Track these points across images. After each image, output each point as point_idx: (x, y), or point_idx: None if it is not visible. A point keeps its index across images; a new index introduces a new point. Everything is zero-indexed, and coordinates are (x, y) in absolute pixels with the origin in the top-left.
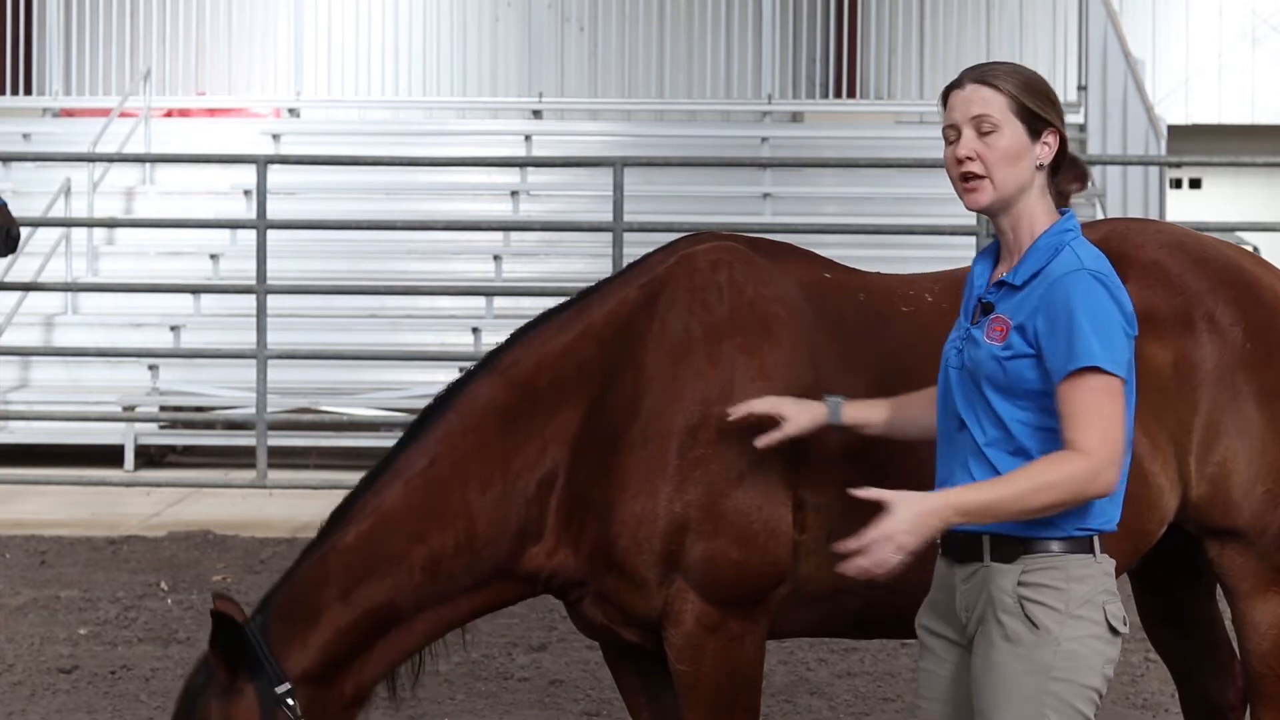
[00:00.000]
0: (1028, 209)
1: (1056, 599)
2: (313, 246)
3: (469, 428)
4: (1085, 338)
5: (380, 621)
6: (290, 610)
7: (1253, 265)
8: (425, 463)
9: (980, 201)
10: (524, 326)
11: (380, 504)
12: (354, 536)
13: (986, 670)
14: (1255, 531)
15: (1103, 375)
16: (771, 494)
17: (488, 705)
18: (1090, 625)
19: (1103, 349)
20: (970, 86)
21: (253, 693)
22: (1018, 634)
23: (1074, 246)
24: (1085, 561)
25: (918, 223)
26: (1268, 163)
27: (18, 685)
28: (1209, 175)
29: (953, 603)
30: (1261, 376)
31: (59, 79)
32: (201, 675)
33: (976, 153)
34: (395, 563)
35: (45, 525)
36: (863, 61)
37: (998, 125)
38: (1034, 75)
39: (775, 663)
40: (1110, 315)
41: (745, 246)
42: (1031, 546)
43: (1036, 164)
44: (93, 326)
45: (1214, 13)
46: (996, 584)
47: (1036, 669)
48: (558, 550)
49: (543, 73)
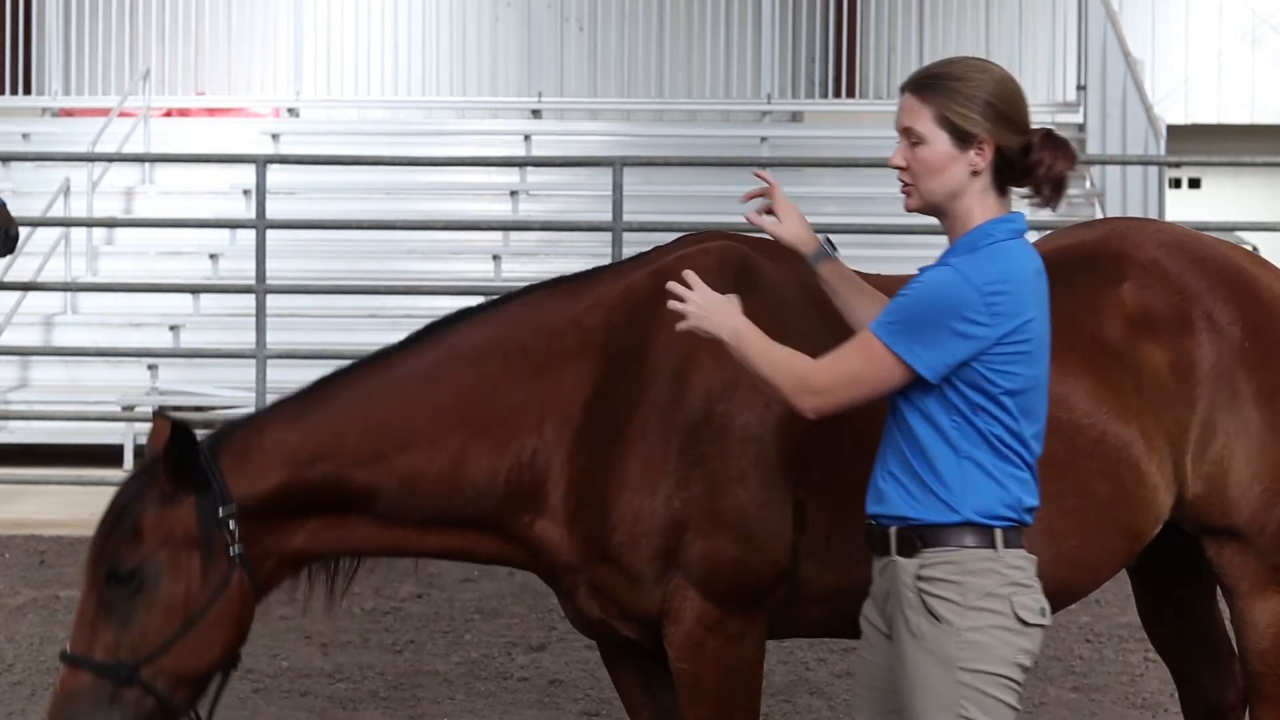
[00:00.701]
0: (963, 212)
1: (954, 592)
2: (312, 246)
3: (476, 359)
4: (887, 310)
5: (343, 500)
6: (249, 446)
7: (1252, 265)
8: (425, 373)
9: (908, 206)
10: (528, 288)
11: (371, 394)
12: (341, 412)
13: (900, 665)
14: (1253, 530)
15: (868, 335)
16: (772, 494)
17: (487, 705)
18: (992, 616)
19: (889, 320)
20: (906, 96)
21: (193, 507)
22: (920, 627)
23: (983, 247)
24: (983, 555)
25: (917, 222)
26: (1267, 162)
27: (17, 685)
28: (1208, 175)
29: (874, 594)
30: (1260, 376)
31: (58, 79)
32: (139, 481)
33: (907, 161)
34: (375, 458)
35: (45, 525)
36: (862, 61)
37: (923, 138)
38: (980, 79)
39: (775, 662)
40: (933, 296)
41: (751, 249)
42: (930, 539)
43: (971, 170)
44: (92, 326)
45: (1214, 13)
46: (900, 579)
47: (941, 660)
48: (551, 525)
49: (542, 72)
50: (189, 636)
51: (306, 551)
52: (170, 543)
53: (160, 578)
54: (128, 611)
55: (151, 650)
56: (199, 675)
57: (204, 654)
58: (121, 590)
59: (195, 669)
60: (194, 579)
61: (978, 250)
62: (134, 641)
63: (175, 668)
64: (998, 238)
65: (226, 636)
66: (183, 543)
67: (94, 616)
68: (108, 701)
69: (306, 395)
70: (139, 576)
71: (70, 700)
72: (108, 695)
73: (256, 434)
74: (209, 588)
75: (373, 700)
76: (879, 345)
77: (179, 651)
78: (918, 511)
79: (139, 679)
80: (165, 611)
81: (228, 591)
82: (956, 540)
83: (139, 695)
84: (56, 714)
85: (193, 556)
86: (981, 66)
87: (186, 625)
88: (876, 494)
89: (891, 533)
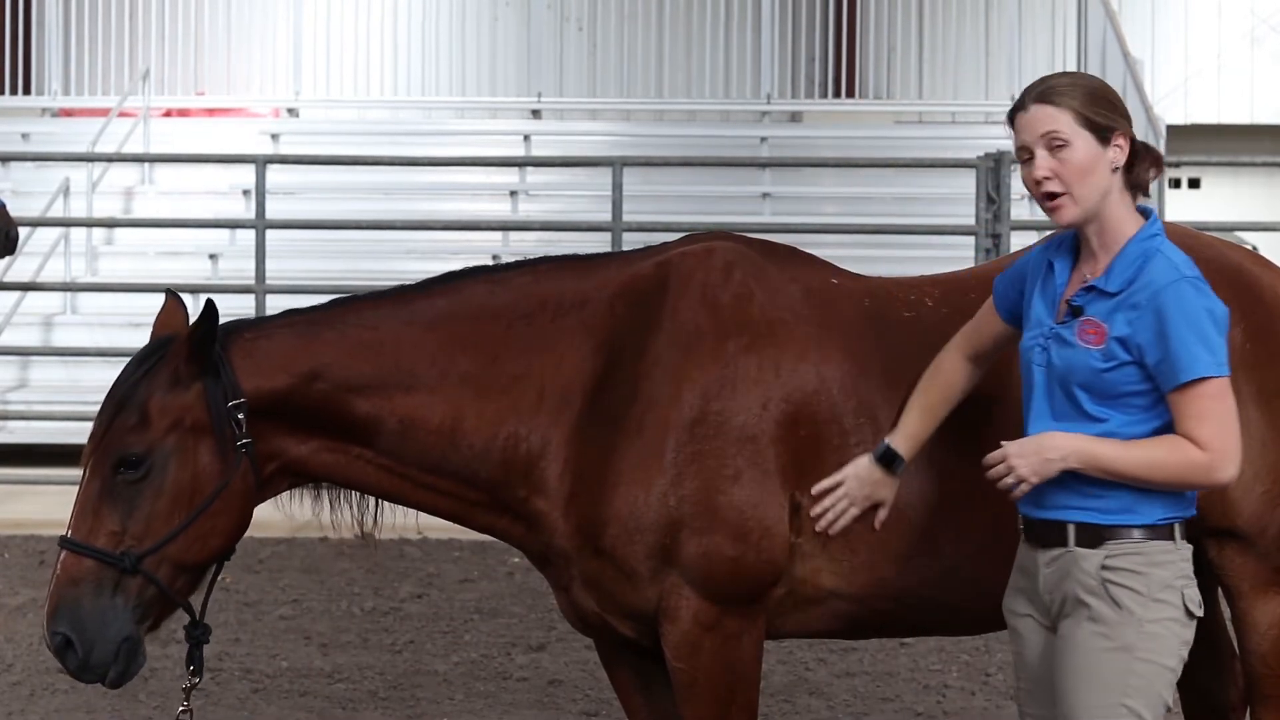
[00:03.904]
0: (1111, 213)
1: (1139, 582)
2: (312, 246)
3: (479, 316)
4: (1191, 348)
5: (345, 426)
6: (257, 347)
7: (1253, 265)
8: (431, 319)
9: (1065, 218)
10: (537, 259)
11: (378, 326)
12: (346, 335)
13: (1070, 650)
14: (1255, 531)
15: (1213, 380)
16: (767, 492)
17: (486, 705)
18: (1170, 609)
19: (1209, 355)
20: (1034, 107)
21: (202, 394)
22: (1102, 614)
23: (1165, 252)
24: (1166, 548)
25: (916, 223)
26: (1266, 162)
27: (17, 685)
28: (1208, 175)
29: (1036, 586)
30: (1261, 377)
31: (58, 79)
32: (145, 364)
33: (1053, 170)
34: (375, 390)
35: (44, 525)
36: (862, 61)
37: (1068, 140)
38: (1092, 81)
39: (774, 662)
40: (1209, 320)
41: (755, 251)
42: (1115, 533)
43: (1112, 168)
44: (92, 326)
45: (1213, 13)
46: (1080, 567)
47: (1120, 648)
48: (547, 505)
49: (542, 72)
50: (193, 526)
51: (307, 468)
52: (179, 429)
53: (169, 465)
54: (133, 498)
55: (157, 540)
56: (198, 565)
57: (207, 543)
58: (127, 476)
59: (196, 559)
60: (202, 467)
61: (1164, 253)
62: (139, 530)
63: (178, 557)
64: (1162, 237)
65: (229, 527)
66: (191, 429)
67: (97, 503)
68: (110, 590)
69: (317, 312)
70: (147, 463)
71: (72, 586)
72: (111, 583)
73: (266, 337)
74: (216, 477)
75: (372, 700)
76: (1223, 381)
77: (183, 541)
78: (1104, 505)
79: (142, 568)
80: (172, 500)
81: (234, 483)
82: (1141, 534)
83: (141, 584)
84: (58, 600)
85: (201, 444)
86: (1079, 73)
87: (193, 515)
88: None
89: (1070, 526)
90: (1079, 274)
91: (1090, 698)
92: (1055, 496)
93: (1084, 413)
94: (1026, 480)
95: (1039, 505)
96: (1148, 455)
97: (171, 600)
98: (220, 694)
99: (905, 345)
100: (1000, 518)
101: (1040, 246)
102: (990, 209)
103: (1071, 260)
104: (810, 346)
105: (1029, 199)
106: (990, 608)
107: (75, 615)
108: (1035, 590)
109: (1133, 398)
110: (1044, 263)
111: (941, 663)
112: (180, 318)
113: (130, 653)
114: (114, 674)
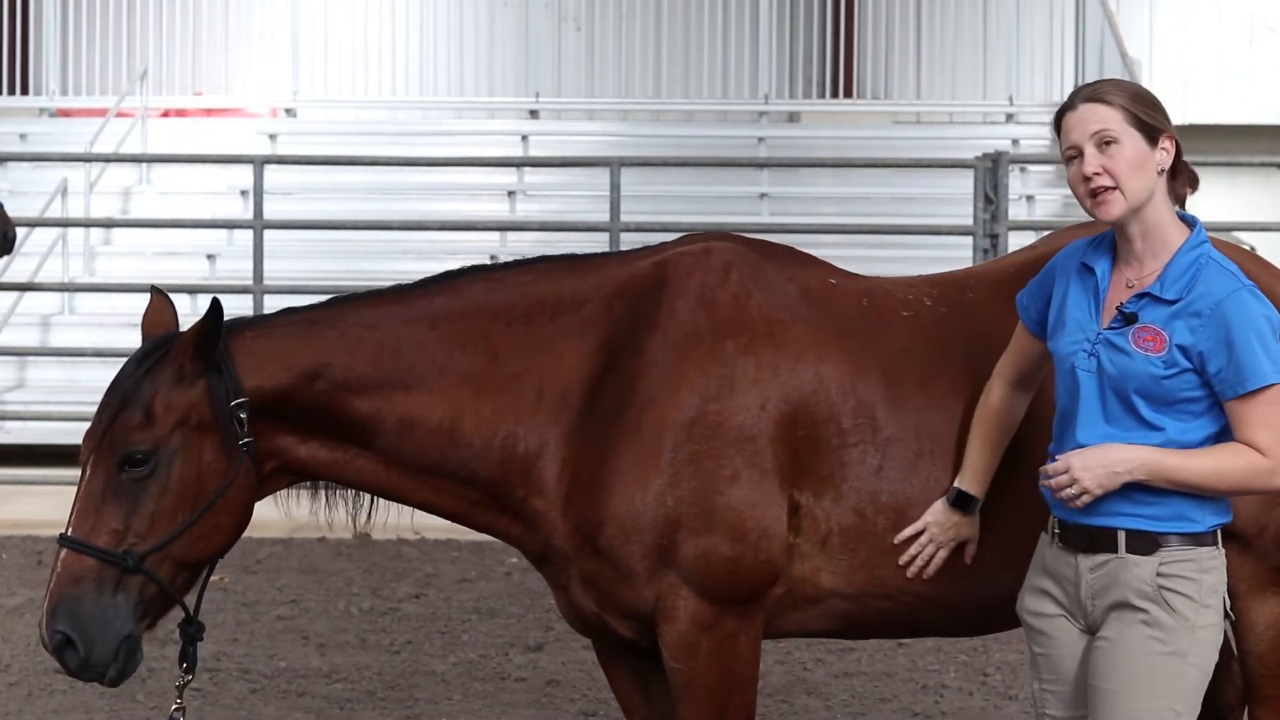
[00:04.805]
0: (1156, 216)
1: (1192, 589)
2: (310, 247)
3: (478, 314)
4: (1256, 357)
5: (344, 426)
6: (258, 346)
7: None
8: (430, 318)
9: (1113, 212)
10: (535, 258)
11: (377, 324)
12: (346, 334)
13: (1122, 654)
14: (1253, 532)
15: (1276, 387)
16: (765, 493)
17: (485, 705)
18: (1215, 614)
19: (1271, 363)
20: (1083, 106)
21: (205, 391)
22: (1159, 619)
23: (1219, 260)
24: (1213, 554)
25: (914, 223)
26: (1265, 163)
27: (14, 685)
28: (1206, 175)
29: (1069, 590)
30: None
31: (55, 79)
32: (146, 362)
33: (1103, 166)
34: (375, 390)
35: (41, 526)
36: (859, 61)
37: (1118, 137)
38: (1138, 86)
39: (772, 662)
40: (1270, 327)
41: (753, 251)
42: (1168, 540)
43: (1158, 169)
44: (90, 327)
45: (1211, 13)
46: (1133, 574)
47: (1175, 653)
48: (545, 504)
49: (539, 73)
50: (196, 524)
51: (307, 466)
52: (185, 427)
53: (174, 463)
54: (136, 496)
55: (161, 538)
56: (199, 563)
57: (209, 542)
58: (132, 474)
59: (198, 557)
60: (206, 466)
61: (1219, 262)
62: (142, 528)
63: (180, 555)
64: (1209, 244)
65: (231, 525)
66: (197, 427)
67: (99, 501)
68: (112, 588)
69: (317, 310)
70: (153, 460)
71: (73, 584)
72: (112, 582)
73: (267, 336)
74: (220, 475)
75: (370, 700)
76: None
77: (186, 539)
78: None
79: (145, 567)
80: (177, 498)
81: (237, 481)
82: (1193, 539)
83: (142, 582)
84: (58, 598)
85: (206, 442)
86: (1122, 79)
87: (197, 513)
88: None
89: (1121, 533)
90: (1120, 276)
91: (1145, 702)
92: (1103, 503)
93: (1141, 419)
94: (1090, 492)
95: (1081, 510)
96: (1214, 464)
97: (172, 598)
98: (218, 694)
99: (903, 345)
100: (1000, 518)
101: (1066, 251)
102: (988, 209)
103: (1110, 259)
104: (808, 346)
105: (1026, 199)
106: (990, 608)
107: (76, 614)
108: (1071, 594)
109: (1187, 404)
110: (1076, 265)
111: (939, 663)
112: (169, 315)
113: (130, 651)
114: (113, 672)
